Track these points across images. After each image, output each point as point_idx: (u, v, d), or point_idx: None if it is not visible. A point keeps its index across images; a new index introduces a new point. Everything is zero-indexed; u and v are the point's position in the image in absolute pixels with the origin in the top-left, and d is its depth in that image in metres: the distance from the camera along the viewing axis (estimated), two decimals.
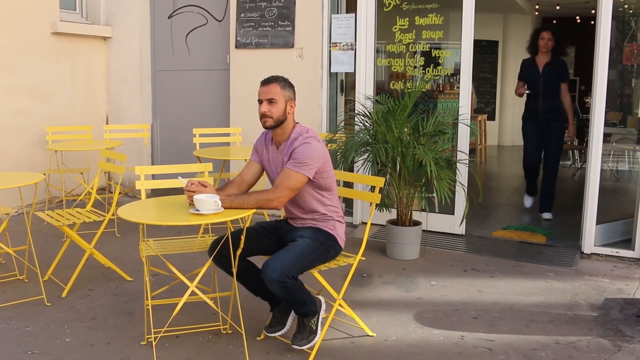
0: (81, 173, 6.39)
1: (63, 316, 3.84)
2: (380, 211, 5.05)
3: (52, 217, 4.34)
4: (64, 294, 4.15)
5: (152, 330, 3.33)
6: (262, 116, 3.25)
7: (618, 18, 5.26)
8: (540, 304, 4.08)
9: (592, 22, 5.11)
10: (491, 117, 13.08)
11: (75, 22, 7.12)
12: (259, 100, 3.27)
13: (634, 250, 4.97)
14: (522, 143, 6.56)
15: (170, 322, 3.34)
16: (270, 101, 3.23)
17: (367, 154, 4.90)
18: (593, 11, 5.11)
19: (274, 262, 3.03)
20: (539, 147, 6.39)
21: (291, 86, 3.33)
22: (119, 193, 4.59)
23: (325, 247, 3.28)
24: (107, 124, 7.39)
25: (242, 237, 3.19)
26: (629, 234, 5.10)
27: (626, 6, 5.64)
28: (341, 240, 3.36)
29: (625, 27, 5.58)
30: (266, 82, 3.30)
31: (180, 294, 3.34)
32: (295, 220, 3.40)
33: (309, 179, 3.19)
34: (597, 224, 5.09)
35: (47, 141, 6.28)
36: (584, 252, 5.10)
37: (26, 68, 6.49)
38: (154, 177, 4.54)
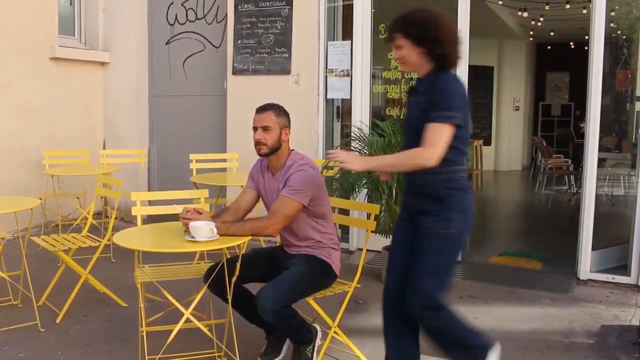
0: (77, 198, 6.38)
1: (57, 342, 3.82)
2: (383, 236, 5.02)
3: (48, 242, 4.34)
4: (58, 320, 4.13)
5: (147, 357, 3.31)
6: (257, 143, 3.27)
7: (611, 44, 5.32)
8: (536, 331, 4.07)
9: (586, 48, 5.16)
10: (487, 142, 13.14)
11: (74, 48, 7.17)
12: (253, 127, 3.29)
13: (629, 276, 4.97)
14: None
15: (164, 349, 3.32)
16: (265, 129, 3.25)
17: (367, 184, 4.88)
18: (587, 37, 5.16)
19: (267, 291, 3.02)
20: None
21: (286, 114, 3.35)
22: (115, 218, 4.59)
23: (319, 275, 3.27)
24: (104, 148, 7.41)
25: (238, 264, 3.19)
26: (624, 259, 5.11)
27: (619, 32, 5.72)
28: (336, 268, 3.35)
29: (619, 53, 5.64)
30: (261, 109, 3.32)
31: (175, 321, 3.33)
32: (290, 247, 3.40)
33: (304, 206, 3.20)
34: (592, 249, 5.09)
35: (43, 165, 6.28)
36: (580, 278, 5.10)
37: (24, 92, 6.52)
38: (150, 203, 4.54)
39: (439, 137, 2.65)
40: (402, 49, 2.87)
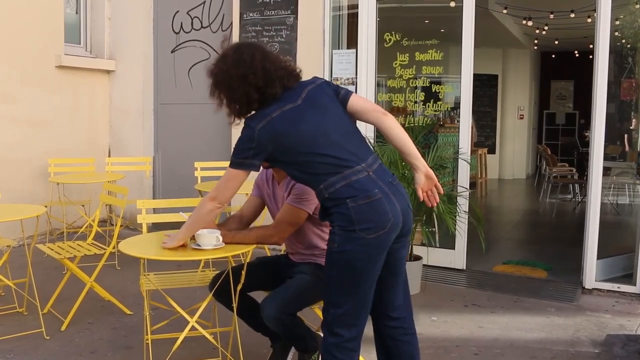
0: (83, 205, 6.40)
1: (62, 350, 3.82)
2: None
3: (53, 250, 4.34)
4: (63, 327, 4.13)
5: None
6: None
7: (616, 52, 5.32)
8: (541, 340, 4.06)
9: (591, 57, 5.17)
10: (491, 151, 13.14)
11: (80, 56, 7.21)
12: None
13: (635, 285, 4.96)
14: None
15: (170, 357, 3.32)
16: None
17: None
18: (591, 46, 5.17)
19: (271, 300, 3.02)
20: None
21: None
22: (120, 226, 4.60)
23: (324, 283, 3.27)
24: (109, 156, 7.43)
25: (243, 273, 3.19)
26: (630, 268, 5.09)
27: (624, 41, 5.72)
28: None
29: (624, 62, 5.64)
30: None
31: (180, 329, 3.33)
32: (295, 255, 3.40)
33: (309, 214, 3.20)
34: (598, 258, 5.08)
35: (49, 173, 6.30)
36: (585, 287, 5.09)
37: (30, 100, 6.55)
38: (155, 210, 4.55)
39: (224, 181, 2.81)
40: (216, 99, 2.87)
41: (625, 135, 6.01)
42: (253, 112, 2.69)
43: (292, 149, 2.61)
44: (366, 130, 5.80)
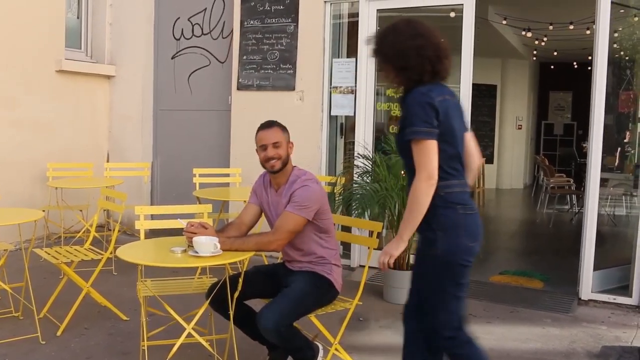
0: (80, 210, 6.40)
1: (57, 355, 3.82)
2: None
3: (50, 255, 4.35)
4: (59, 332, 4.13)
5: None
6: (270, 159, 3.27)
7: (614, 65, 5.34)
8: (537, 351, 4.07)
9: (589, 68, 5.19)
10: (489, 161, 13.16)
11: (80, 61, 7.23)
12: (262, 145, 3.29)
13: (631, 297, 4.96)
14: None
15: None
16: (275, 145, 3.27)
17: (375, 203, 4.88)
18: (590, 57, 5.19)
19: (269, 311, 3.03)
20: None
21: (287, 129, 3.40)
22: (118, 231, 4.60)
23: (321, 292, 3.28)
24: (107, 161, 7.43)
25: (240, 280, 3.20)
26: (626, 280, 5.10)
27: (622, 53, 5.74)
28: (337, 285, 3.36)
29: (622, 73, 5.66)
30: (267, 126, 3.34)
31: (177, 335, 3.33)
32: (292, 263, 3.41)
33: (308, 221, 3.22)
34: (594, 270, 5.08)
35: (47, 177, 6.30)
36: (582, 299, 5.09)
37: (30, 104, 6.57)
38: (153, 217, 4.56)
39: (422, 156, 2.58)
40: (382, 71, 2.81)
41: (619, 148, 6.02)
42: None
43: (446, 137, 2.64)
44: (365, 134, 5.83)
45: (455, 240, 2.65)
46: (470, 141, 2.84)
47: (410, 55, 2.64)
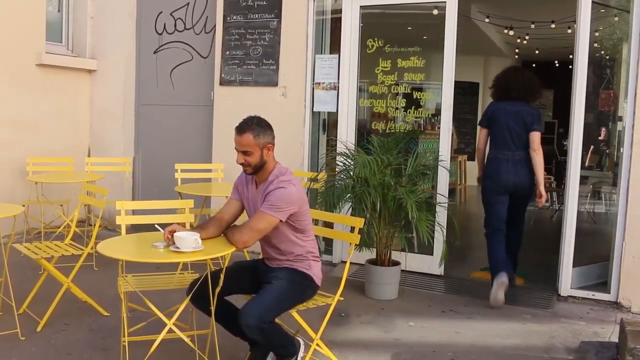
0: (61, 205, 6.35)
1: (37, 351, 3.79)
2: (359, 251, 5.06)
3: (30, 250, 4.31)
4: (39, 328, 4.10)
5: None
6: (241, 164, 3.27)
7: (595, 64, 5.39)
8: (517, 347, 4.10)
9: (570, 67, 5.23)
10: (472, 158, 13.19)
11: (61, 55, 7.16)
12: (235, 148, 3.28)
13: (609, 293, 5.02)
14: None
15: (146, 359, 3.31)
16: (245, 152, 3.24)
17: (352, 199, 4.90)
18: (571, 56, 5.24)
19: (250, 308, 3.03)
20: None
21: (267, 130, 3.29)
22: (99, 226, 4.57)
23: (301, 288, 3.29)
24: (89, 156, 7.38)
25: (222, 276, 3.19)
26: (605, 276, 5.16)
27: (603, 52, 5.80)
28: (317, 279, 3.37)
29: (602, 73, 5.71)
30: (240, 131, 3.25)
31: (158, 331, 3.32)
32: (271, 260, 3.41)
33: (281, 221, 3.20)
34: (573, 266, 5.13)
35: (27, 172, 6.25)
36: (561, 295, 5.14)
37: (9, 99, 6.49)
38: (134, 212, 4.53)
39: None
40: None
41: (598, 147, 6.08)
42: None
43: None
44: (347, 130, 5.84)
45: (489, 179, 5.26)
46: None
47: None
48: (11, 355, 3.70)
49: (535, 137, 5.10)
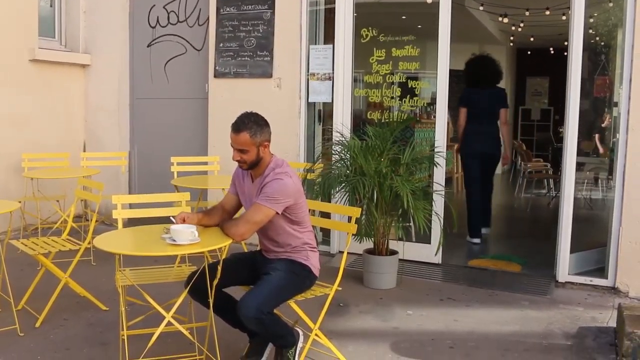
0: (57, 201, 6.33)
1: (36, 347, 3.79)
2: (358, 242, 5.06)
3: (27, 246, 4.30)
4: (37, 324, 4.10)
5: None
6: (237, 162, 3.27)
7: (590, 50, 5.38)
8: (515, 333, 4.12)
9: (566, 54, 5.23)
10: None
11: (54, 50, 7.12)
12: (231, 144, 3.27)
13: (607, 278, 5.03)
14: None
15: (146, 353, 3.32)
16: (241, 150, 3.23)
17: (346, 188, 4.91)
18: (566, 43, 5.23)
19: (248, 299, 3.03)
20: None
21: (264, 127, 3.26)
22: (96, 221, 4.56)
23: (300, 278, 3.29)
24: (84, 151, 7.36)
25: (219, 268, 3.19)
26: (602, 262, 5.17)
27: (597, 39, 5.79)
28: (315, 269, 3.37)
29: (597, 59, 5.71)
30: (236, 130, 3.22)
31: (156, 324, 3.32)
32: (268, 252, 3.41)
33: (277, 213, 3.20)
34: (571, 252, 5.15)
35: (22, 168, 6.23)
36: (559, 281, 5.16)
37: (3, 95, 6.46)
38: (131, 206, 4.52)
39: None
40: None
41: (597, 134, 6.09)
42: None
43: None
44: (343, 120, 5.84)
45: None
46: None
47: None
48: (10, 351, 3.70)
49: (503, 113, 6.74)
